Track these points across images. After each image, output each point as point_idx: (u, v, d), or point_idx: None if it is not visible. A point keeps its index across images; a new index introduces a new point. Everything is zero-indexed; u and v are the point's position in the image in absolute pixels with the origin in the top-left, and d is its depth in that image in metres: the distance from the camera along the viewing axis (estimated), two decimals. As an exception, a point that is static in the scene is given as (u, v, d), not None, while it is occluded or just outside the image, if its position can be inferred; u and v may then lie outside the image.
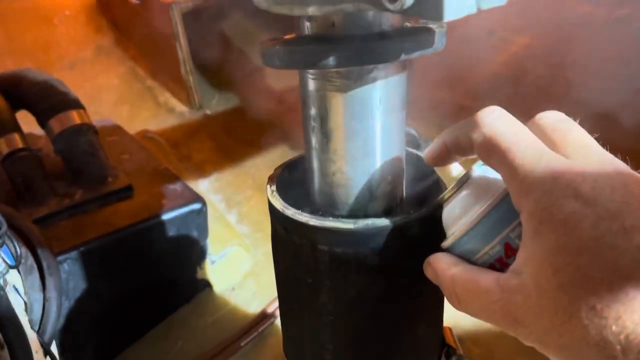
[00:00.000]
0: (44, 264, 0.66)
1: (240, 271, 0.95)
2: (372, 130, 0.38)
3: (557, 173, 0.28)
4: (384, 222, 0.38)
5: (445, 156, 0.36)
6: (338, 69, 0.35)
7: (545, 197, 0.27)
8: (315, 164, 0.41)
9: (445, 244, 0.36)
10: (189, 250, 0.88)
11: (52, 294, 0.64)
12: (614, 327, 0.25)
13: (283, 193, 0.43)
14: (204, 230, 0.89)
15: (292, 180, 0.47)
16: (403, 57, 0.33)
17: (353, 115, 0.37)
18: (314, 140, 0.40)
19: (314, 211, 0.42)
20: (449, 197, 0.36)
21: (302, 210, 0.40)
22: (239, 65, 1.51)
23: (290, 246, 0.42)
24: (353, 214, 0.41)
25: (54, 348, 0.65)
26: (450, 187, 0.36)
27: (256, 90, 1.46)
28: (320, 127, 0.39)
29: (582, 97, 1.09)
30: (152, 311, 0.87)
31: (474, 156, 0.34)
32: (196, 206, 0.85)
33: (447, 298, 0.35)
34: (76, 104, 0.92)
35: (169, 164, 1.12)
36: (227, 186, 1.20)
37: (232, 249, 0.96)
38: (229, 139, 1.35)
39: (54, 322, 0.63)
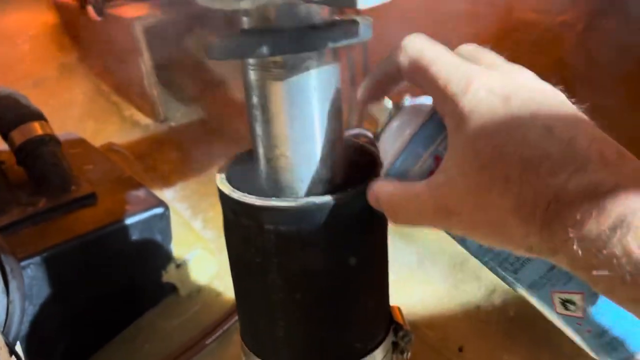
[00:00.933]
0: (7, 268, 0.67)
1: (205, 274, 0.97)
2: (310, 116, 0.41)
3: (473, 76, 0.32)
4: (323, 199, 0.41)
5: (375, 89, 0.39)
6: (273, 58, 0.38)
7: (463, 96, 0.32)
8: (260, 150, 0.44)
9: (383, 171, 0.39)
10: (154, 255, 0.90)
11: (15, 296, 0.66)
12: (525, 191, 0.28)
13: (232, 181, 0.46)
14: (167, 234, 0.90)
15: (241, 170, 0.50)
16: (330, 45, 0.37)
17: (291, 102, 0.40)
18: (257, 128, 0.43)
19: (262, 195, 0.45)
20: (383, 129, 0.39)
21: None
22: (202, 78, 1.54)
23: (239, 229, 0.45)
24: (298, 196, 0.44)
25: (19, 349, 0.66)
26: (382, 119, 0.40)
27: (220, 102, 1.49)
28: (262, 115, 0.42)
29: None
30: (118, 315, 0.88)
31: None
32: (159, 210, 0.87)
33: (386, 214, 0.39)
34: (38, 116, 0.94)
35: (134, 174, 1.13)
36: (192, 194, 1.22)
37: (197, 253, 0.97)
38: (194, 149, 1.37)
39: (17, 323, 0.64)
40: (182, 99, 1.56)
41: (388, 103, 0.40)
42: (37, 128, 0.91)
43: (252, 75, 0.41)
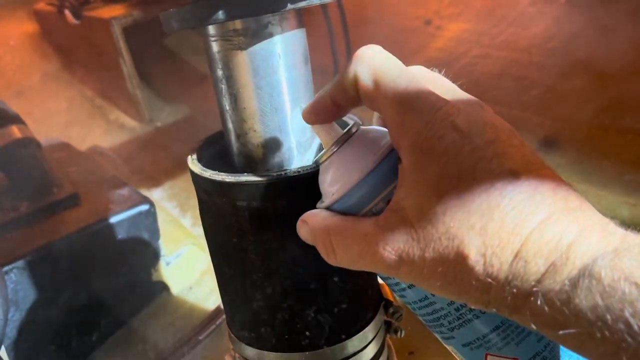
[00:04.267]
0: (-12, 273, 0.66)
1: (196, 270, 0.96)
2: (277, 85, 0.40)
3: (436, 107, 0.29)
4: (295, 171, 0.39)
5: (329, 109, 0.34)
6: (233, 25, 0.37)
7: (425, 129, 0.29)
8: (229, 126, 0.43)
9: (324, 204, 0.34)
10: (142, 253, 0.88)
11: (-3, 300, 0.64)
12: (491, 243, 0.26)
13: (204, 161, 0.44)
14: (154, 231, 0.89)
15: (213, 151, 0.49)
16: (290, 6, 0.35)
17: (256, 72, 0.39)
18: (224, 102, 0.41)
19: (234, 173, 0.43)
20: (329, 155, 0.34)
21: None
22: (185, 76, 1.53)
23: (213, 209, 0.43)
24: (271, 171, 0.42)
25: (4, 354, 0.64)
26: (330, 145, 0.35)
27: (204, 99, 1.48)
28: (227, 88, 0.40)
29: (511, 72, 1.14)
30: (109, 317, 0.87)
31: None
32: (144, 207, 0.86)
33: (321, 252, 0.34)
34: (16, 119, 0.92)
35: (121, 176, 1.11)
36: (180, 192, 1.21)
37: (186, 249, 0.96)
38: (180, 149, 1.36)
39: (1, 327, 0.63)
40: (167, 99, 1.54)
41: (336, 126, 0.36)
42: (15, 131, 0.89)
43: (214, 47, 0.39)
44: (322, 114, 0.35)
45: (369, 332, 0.49)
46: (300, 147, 0.42)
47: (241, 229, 0.42)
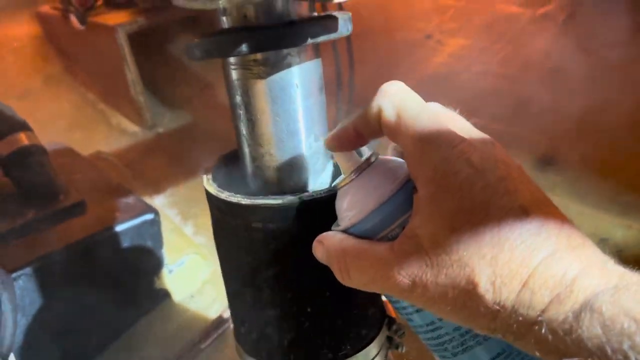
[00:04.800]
0: (-2, 281, 0.67)
1: (198, 279, 0.97)
2: (293, 113, 0.41)
3: (453, 144, 0.31)
4: (310, 195, 0.41)
5: (352, 138, 0.36)
6: (254, 56, 0.38)
7: (443, 164, 0.31)
8: (246, 149, 0.44)
9: (340, 227, 0.36)
10: (145, 261, 0.90)
11: (7, 307, 0.65)
12: (500, 273, 0.28)
13: (219, 181, 0.46)
14: (158, 240, 0.90)
15: (228, 171, 0.50)
16: (309, 41, 0.37)
17: (274, 100, 0.41)
18: (242, 127, 0.43)
19: (249, 194, 0.45)
20: (349, 181, 0.36)
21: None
22: (188, 82, 1.54)
23: (227, 228, 0.45)
24: (285, 194, 0.44)
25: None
26: (349, 173, 0.37)
27: (206, 106, 1.49)
28: (245, 114, 0.42)
29: (509, 89, 1.16)
30: (112, 323, 0.88)
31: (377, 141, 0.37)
32: (149, 216, 0.87)
33: (336, 273, 0.36)
34: (24, 126, 0.93)
35: (123, 182, 1.13)
36: (182, 200, 1.22)
37: (189, 258, 0.97)
38: (182, 155, 1.37)
39: (10, 334, 0.64)
40: (169, 105, 1.55)
41: (356, 154, 0.37)
42: (22, 139, 0.91)
43: (234, 75, 0.41)
44: (344, 142, 0.37)
45: (372, 348, 0.50)
46: (314, 171, 0.44)
47: (255, 249, 0.43)
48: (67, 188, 0.92)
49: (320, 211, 0.41)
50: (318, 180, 0.45)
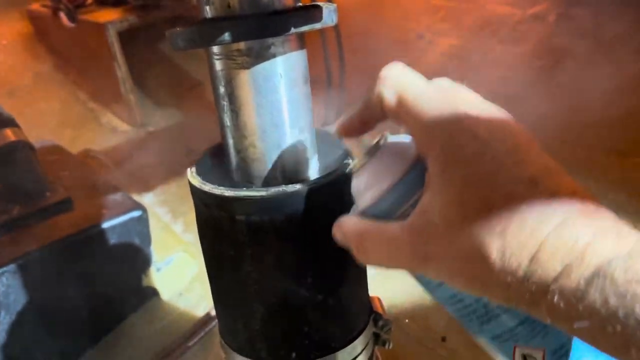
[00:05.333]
0: (-19, 277, 0.66)
1: (186, 277, 0.96)
2: (277, 104, 0.41)
3: (458, 119, 0.31)
4: (294, 187, 0.41)
5: (357, 124, 0.38)
6: (237, 45, 0.38)
7: (450, 140, 0.31)
8: (230, 141, 0.44)
9: (359, 209, 0.37)
10: (133, 258, 0.89)
11: (-11, 304, 0.64)
12: (510, 244, 0.28)
13: (203, 174, 0.46)
14: (146, 237, 0.89)
15: (213, 164, 0.50)
16: (293, 30, 0.37)
17: (257, 90, 0.40)
18: (225, 118, 0.42)
19: (233, 187, 0.44)
20: (361, 165, 0.38)
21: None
22: (178, 81, 1.53)
23: (211, 221, 0.44)
24: (269, 186, 0.44)
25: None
26: (362, 155, 0.38)
27: (197, 104, 1.49)
28: (229, 105, 0.41)
29: (500, 89, 1.16)
30: (99, 321, 0.87)
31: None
32: (136, 213, 0.86)
33: (355, 254, 0.37)
34: (10, 122, 0.92)
35: (112, 180, 1.12)
36: (172, 198, 1.21)
37: (177, 256, 0.97)
38: (172, 153, 1.37)
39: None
40: (160, 103, 1.55)
41: (366, 139, 0.39)
42: (9, 135, 0.90)
43: (218, 65, 0.40)
44: (352, 130, 0.38)
45: (358, 344, 0.50)
46: (299, 163, 0.44)
47: (238, 242, 0.43)
48: (54, 185, 0.91)
49: (304, 204, 0.41)
50: (303, 173, 0.44)
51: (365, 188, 0.37)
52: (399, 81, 0.34)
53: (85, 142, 1.50)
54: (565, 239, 0.27)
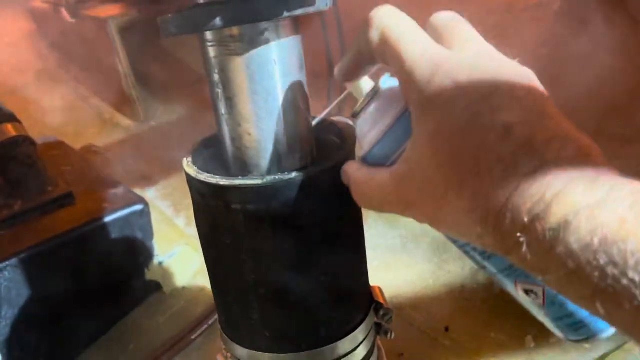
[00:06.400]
0: (-18, 271, 0.66)
1: (189, 270, 0.96)
2: (272, 90, 0.40)
3: (438, 64, 0.30)
4: (290, 175, 0.40)
5: (353, 68, 0.38)
6: (230, 31, 0.37)
7: (426, 86, 0.30)
8: (225, 130, 0.43)
9: (359, 156, 0.39)
10: (135, 252, 0.89)
11: (-10, 298, 0.64)
12: (478, 195, 0.28)
13: (199, 164, 0.45)
14: (148, 231, 0.89)
15: (209, 154, 0.49)
16: (286, 14, 0.36)
17: (252, 78, 0.40)
18: (220, 106, 0.42)
19: (230, 176, 0.44)
20: (360, 110, 0.39)
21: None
22: (181, 76, 1.53)
23: (207, 211, 0.44)
24: (265, 174, 0.43)
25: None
26: (361, 101, 0.39)
27: (199, 99, 1.48)
28: (223, 92, 0.41)
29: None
30: (102, 316, 0.87)
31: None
32: (138, 207, 0.86)
33: (354, 198, 0.39)
34: (11, 117, 0.92)
35: (115, 175, 1.12)
36: (174, 192, 1.21)
37: (180, 249, 0.96)
38: (175, 148, 1.36)
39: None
40: (162, 98, 1.55)
41: (366, 83, 0.39)
42: (10, 130, 0.89)
43: (211, 52, 0.40)
44: (349, 74, 0.39)
45: (359, 333, 0.50)
46: (294, 151, 0.43)
47: (235, 231, 0.42)
48: (55, 180, 0.91)
49: (299, 191, 0.40)
50: (299, 161, 0.44)
51: (364, 134, 0.38)
52: (383, 22, 0.33)
53: (87, 138, 1.51)
54: (534, 190, 0.26)
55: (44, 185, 0.88)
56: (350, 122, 0.48)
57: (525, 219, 0.26)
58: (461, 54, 0.31)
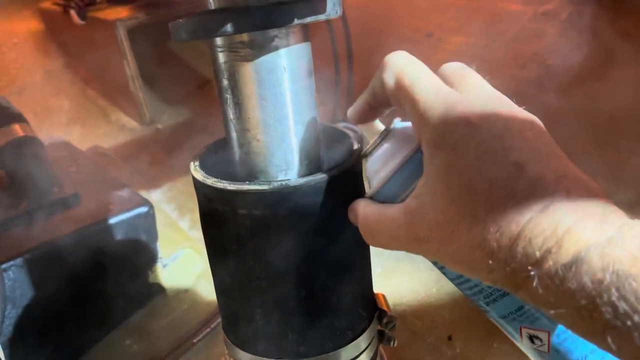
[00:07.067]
0: (-13, 271, 0.66)
1: (192, 273, 0.96)
2: (281, 97, 0.41)
3: (451, 104, 0.32)
4: (297, 181, 0.40)
5: (366, 111, 0.39)
6: (240, 37, 0.38)
7: (440, 125, 0.31)
8: (233, 135, 0.43)
9: (369, 193, 0.40)
10: (139, 254, 0.89)
11: (-5, 298, 0.65)
12: (491, 229, 0.29)
13: (206, 168, 0.45)
14: (153, 233, 0.89)
15: (216, 158, 0.50)
16: (296, 22, 0.36)
17: (261, 83, 0.40)
18: (229, 112, 0.42)
19: (237, 181, 0.44)
20: (371, 150, 0.40)
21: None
22: (187, 79, 1.54)
23: (214, 215, 0.44)
24: (273, 180, 0.43)
25: (0, 352, 0.65)
26: (372, 140, 0.40)
27: (205, 102, 1.49)
28: (232, 98, 0.41)
29: (510, 87, 1.15)
30: (105, 317, 0.87)
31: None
32: (143, 209, 0.86)
33: (362, 235, 0.39)
34: (19, 118, 0.93)
35: (120, 177, 1.12)
36: (179, 195, 1.21)
37: (183, 252, 0.97)
38: (180, 151, 1.37)
39: (-2, 325, 0.63)
40: (168, 101, 1.55)
41: (378, 124, 0.40)
42: (17, 130, 0.90)
43: (221, 58, 0.40)
44: (362, 116, 0.40)
45: (362, 341, 0.50)
46: (302, 158, 0.43)
47: (241, 236, 0.42)
48: (61, 180, 0.91)
49: (306, 198, 0.41)
50: (306, 167, 0.44)
51: (375, 172, 0.39)
52: (398, 65, 0.35)
53: (94, 139, 1.51)
54: (545, 225, 0.27)
55: (50, 186, 0.89)
56: (357, 129, 0.48)
57: (537, 254, 0.27)
58: (472, 96, 0.33)
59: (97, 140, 1.50)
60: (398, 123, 0.39)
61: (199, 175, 0.44)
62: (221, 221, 0.43)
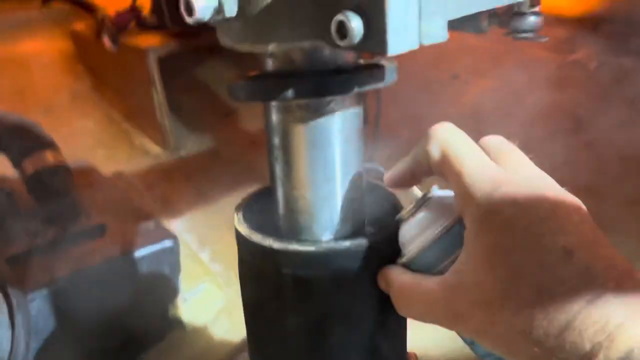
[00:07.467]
0: (14, 302, 0.66)
1: (212, 309, 0.96)
2: (331, 158, 0.41)
3: (497, 182, 0.32)
4: (343, 244, 0.40)
5: (405, 177, 0.39)
6: (297, 101, 0.38)
7: (486, 202, 0.31)
8: (279, 191, 0.43)
9: (402, 260, 0.38)
10: (161, 288, 0.89)
11: (20, 330, 0.64)
12: (538, 315, 0.28)
13: (250, 221, 0.45)
14: (176, 267, 0.89)
15: (259, 210, 0.49)
16: (356, 90, 0.37)
17: (313, 145, 0.40)
18: (277, 169, 0.42)
19: (280, 237, 0.44)
20: (408, 216, 0.39)
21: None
22: (213, 108, 1.55)
23: (255, 271, 0.44)
24: (317, 239, 0.43)
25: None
26: (409, 207, 0.39)
27: (230, 132, 1.50)
28: (282, 156, 0.41)
29: (539, 133, 1.15)
30: (124, 350, 0.87)
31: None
32: (168, 243, 0.86)
33: (395, 304, 0.38)
34: (50, 144, 0.94)
35: (143, 204, 1.12)
36: (200, 225, 1.21)
37: (204, 287, 0.96)
38: (203, 179, 1.37)
39: (22, 358, 0.63)
40: (193, 129, 1.57)
41: (415, 190, 0.40)
42: (49, 157, 0.91)
43: (275, 117, 0.40)
44: (400, 182, 0.40)
45: (394, 402, 0.49)
46: (348, 218, 0.43)
47: (283, 295, 0.42)
48: (88, 209, 0.92)
49: (352, 262, 0.40)
50: (351, 228, 0.44)
51: (410, 239, 0.38)
52: (444, 138, 0.35)
53: (117, 163, 1.52)
54: (596, 318, 0.27)
55: (77, 215, 0.89)
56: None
57: (587, 346, 0.26)
58: (518, 175, 0.33)
59: (120, 165, 1.51)
60: (436, 191, 0.39)
61: (244, 229, 0.43)
62: (263, 277, 0.43)
